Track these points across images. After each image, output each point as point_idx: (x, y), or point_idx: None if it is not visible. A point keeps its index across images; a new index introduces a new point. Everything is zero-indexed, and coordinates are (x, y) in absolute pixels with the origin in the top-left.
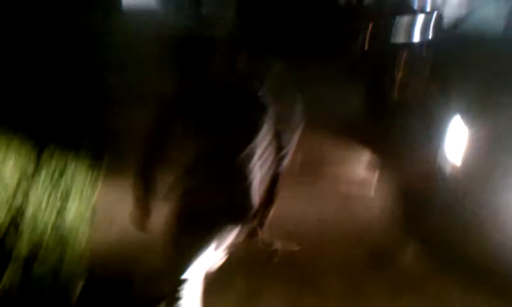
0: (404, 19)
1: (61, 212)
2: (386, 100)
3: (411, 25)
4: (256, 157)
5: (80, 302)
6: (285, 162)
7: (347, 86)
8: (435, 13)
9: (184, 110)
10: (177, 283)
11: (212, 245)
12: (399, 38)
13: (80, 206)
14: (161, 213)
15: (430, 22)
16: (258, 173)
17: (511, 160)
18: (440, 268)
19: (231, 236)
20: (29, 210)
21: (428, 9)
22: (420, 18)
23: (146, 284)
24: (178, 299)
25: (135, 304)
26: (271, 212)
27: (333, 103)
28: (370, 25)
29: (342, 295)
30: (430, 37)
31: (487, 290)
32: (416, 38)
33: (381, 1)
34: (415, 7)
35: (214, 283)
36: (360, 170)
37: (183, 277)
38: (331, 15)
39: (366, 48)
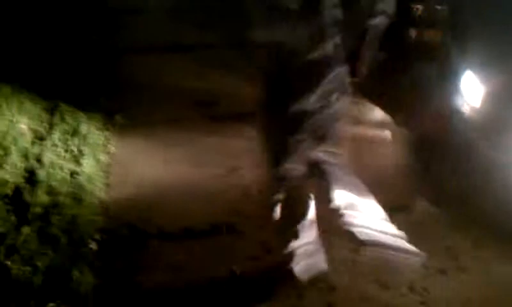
0: None
1: (76, 168)
2: (403, 42)
3: None
4: None
5: (98, 256)
6: None
7: None
8: None
9: None
10: None
11: None
12: None
13: (95, 162)
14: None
15: None
16: None
17: None
18: (454, 215)
19: None
20: (44, 167)
21: None
22: None
23: (162, 239)
24: None
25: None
26: None
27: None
28: None
29: None
30: None
31: (499, 242)
32: None
33: None
34: None
35: None
36: (377, 115)
37: None
38: None
39: None
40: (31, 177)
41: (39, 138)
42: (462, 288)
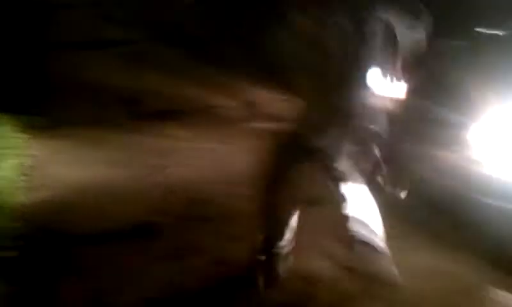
0: None
1: None
2: None
3: None
4: None
5: (20, 261)
6: None
7: None
8: None
9: None
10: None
11: None
12: None
13: (14, 165)
14: None
15: None
16: None
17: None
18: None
19: None
20: None
21: None
22: None
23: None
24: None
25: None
26: None
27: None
28: None
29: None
30: None
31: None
32: None
33: None
34: None
35: None
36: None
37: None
38: None
39: None
40: None
41: None
42: None
